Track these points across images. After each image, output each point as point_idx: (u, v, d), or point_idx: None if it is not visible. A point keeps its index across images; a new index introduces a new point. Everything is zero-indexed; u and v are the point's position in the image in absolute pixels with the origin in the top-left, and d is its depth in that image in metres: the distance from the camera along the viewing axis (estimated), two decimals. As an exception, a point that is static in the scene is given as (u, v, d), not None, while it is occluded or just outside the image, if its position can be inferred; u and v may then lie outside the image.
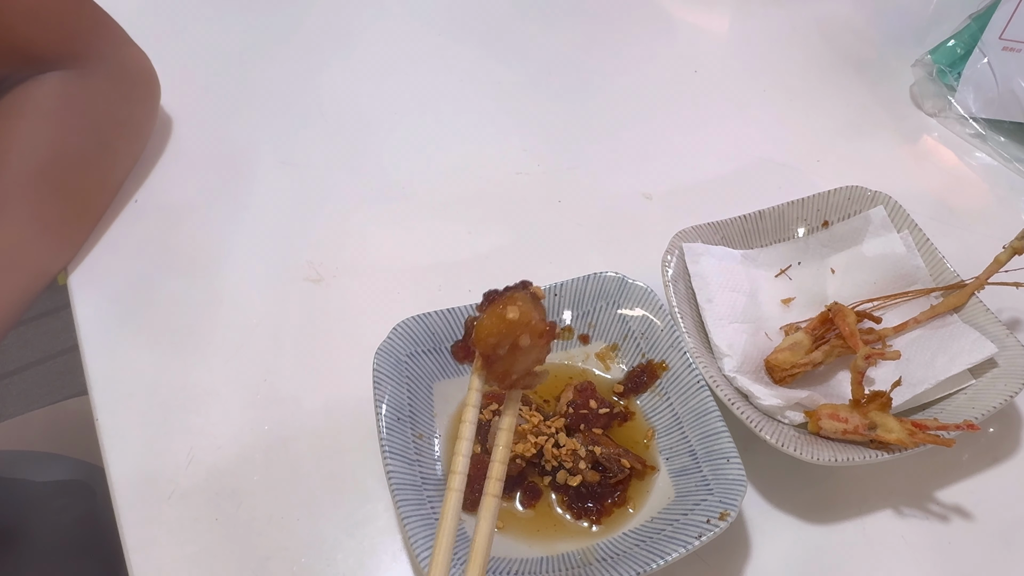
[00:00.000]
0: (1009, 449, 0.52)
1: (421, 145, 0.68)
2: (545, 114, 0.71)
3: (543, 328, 0.36)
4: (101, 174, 0.60)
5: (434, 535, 0.43)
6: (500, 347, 0.36)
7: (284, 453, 0.50)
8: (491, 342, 0.36)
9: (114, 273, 0.58)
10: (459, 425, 0.38)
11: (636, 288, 0.53)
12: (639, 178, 0.66)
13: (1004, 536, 0.49)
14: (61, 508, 0.68)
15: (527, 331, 0.36)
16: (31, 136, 0.55)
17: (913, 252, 0.56)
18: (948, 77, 0.71)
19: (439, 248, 0.61)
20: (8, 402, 1.40)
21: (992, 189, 0.68)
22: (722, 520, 0.43)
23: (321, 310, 0.57)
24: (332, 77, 0.73)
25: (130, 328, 0.56)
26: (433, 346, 0.51)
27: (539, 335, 0.36)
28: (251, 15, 0.77)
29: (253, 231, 0.61)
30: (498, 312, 0.36)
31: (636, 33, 0.79)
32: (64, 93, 0.56)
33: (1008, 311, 0.57)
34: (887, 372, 0.52)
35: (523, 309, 0.36)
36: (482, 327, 0.36)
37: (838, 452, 0.46)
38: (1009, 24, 0.68)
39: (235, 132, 0.68)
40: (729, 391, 0.49)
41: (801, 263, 0.58)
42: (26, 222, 0.54)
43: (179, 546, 0.47)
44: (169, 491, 0.49)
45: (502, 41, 0.77)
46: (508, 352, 0.36)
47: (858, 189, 0.58)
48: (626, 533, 0.46)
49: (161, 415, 0.52)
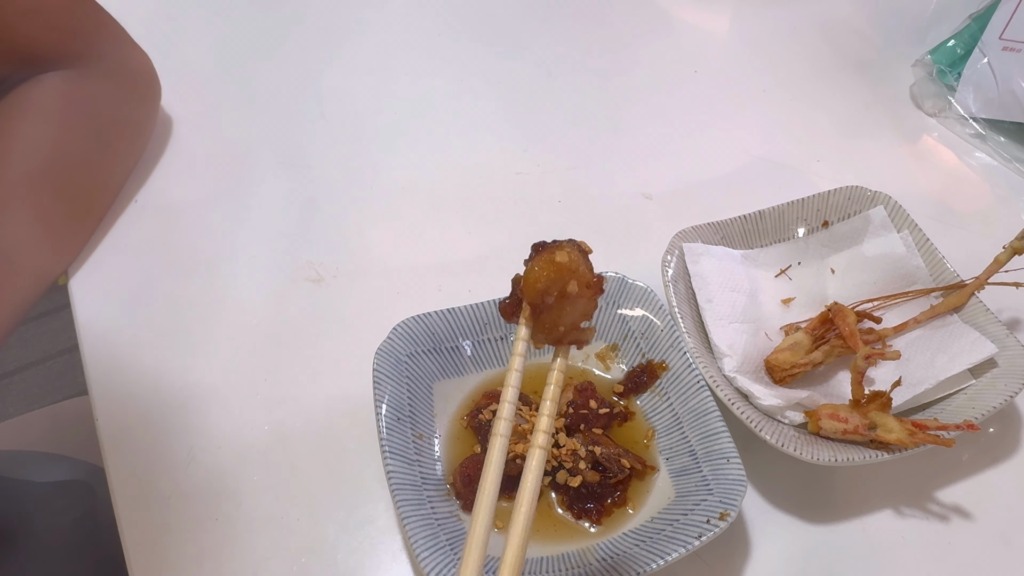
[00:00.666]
0: (1009, 449, 0.52)
1: (421, 145, 0.68)
2: (545, 114, 0.71)
3: (591, 278, 0.36)
4: (102, 175, 0.60)
5: (434, 534, 0.44)
6: (548, 294, 0.36)
7: (284, 453, 0.50)
8: (539, 288, 0.36)
9: (114, 273, 0.58)
10: (505, 374, 0.37)
11: (636, 288, 0.53)
12: (639, 178, 0.66)
13: (1004, 536, 0.49)
14: (61, 509, 0.68)
15: (575, 277, 0.36)
16: (33, 137, 0.55)
17: (913, 252, 0.56)
18: (948, 77, 0.71)
19: (439, 248, 0.61)
20: (8, 402, 1.40)
21: (992, 189, 0.68)
22: (722, 520, 0.43)
23: (321, 310, 0.57)
24: (332, 77, 0.73)
25: (130, 328, 0.56)
26: (433, 346, 0.51)
27: (587, 284, 0.36)
28: (251, 15, 0.77)
29: (253, 231, 0.61)
30: (546, 257, 0.36)
31: (636, 33, 0.79)
32: (65, 93, 0.56)
33: (1008, 311, 0.57)
34: (887, 372, 0.52)
35: (572, 256, 0.36)
36: (531, 273, 0.36)
37: (838, 452, 0.46)
38: (1009, 24, 0.68)
39: (235, 132, 0.68)
40: (729, 391, 0.49)
41: (801, 263, 0.58)
42: (28, 223, 0.54)
43: (179, 546, 0.47)
44: (169, 491, 0.49)
45: (502, 41, 0.77)
46: (556, 301, 0.36)
47: (858, 189, 0.58)
48: (626, 533, 0.46)
49: (161, 415, 0.52)
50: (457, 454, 0.49)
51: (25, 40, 0.54)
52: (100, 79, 0.59)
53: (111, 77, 0.60)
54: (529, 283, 0.36)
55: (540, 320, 0.37)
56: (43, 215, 0.55)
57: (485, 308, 0.52)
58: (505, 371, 0.36)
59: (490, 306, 0.52)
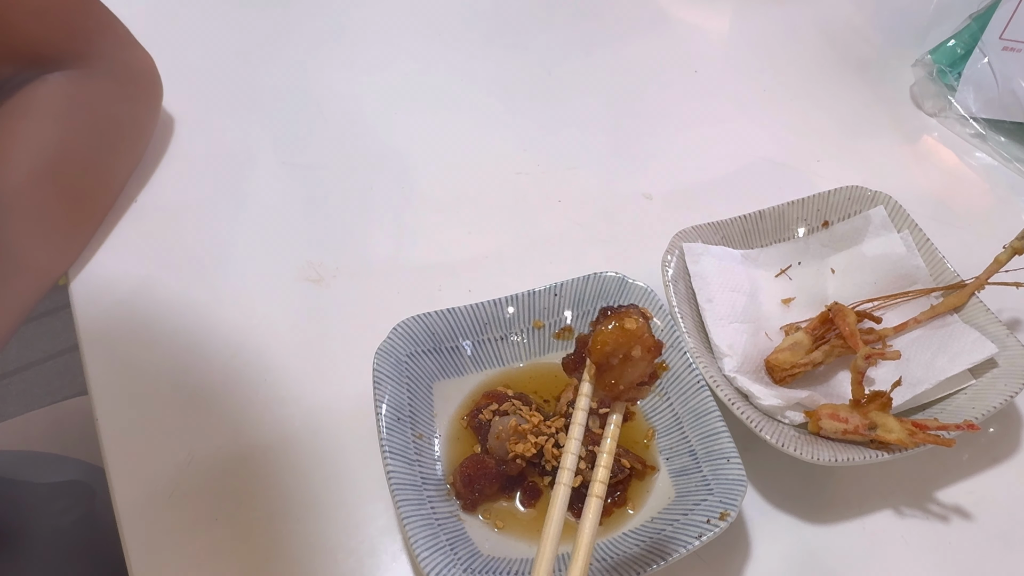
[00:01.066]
0: (1009, 449, 0.52)
1: (421, 145, 0.68)
2: (545, 114, 0.71)
3: (652, 342, 0.39)
4: (105, 175, 0.60)
5: (435, 534, 0.44)
6: (614, 356, 0.39)
7: (284, 453, 0.50)
8: (606, 351, 0.39)
9: (114, 273, 0.58)
10: (570, 426, 0.40)
11: (636, 288, 0.53)
12: (639, 178, 0.66)
13: (1004, 536, 0.49)
14: (62, 509, 0.68)
15: (640, 343, 0.39)
16: (38, 137, 0.55)
17: (913, 252, 0.56)
18: (948, 77, 0.71)
19: (439, 248, 0.61)
20: (8, 402, 1.40)
21: (992, 189, 0.68)
22: (722, 520, 0.43)
23: (321, 310, 0.57)
24: (332, 77, 0.73)
25: (130, 328, 0.56)
26: (433, 346, 0.51)
27: (648, 349, 0.39)
28: (250, 15, 0.77)
29: (253, 231, 0.61)
30: (616, 323, 0.39)
31: (636, 33, 0.79)
32: (70, 94, 0.56)
33: (1008, 311, 0.57)
34: (887, 372, 0.52)
35: (639, 323, 0.39)
36: (600, 335, 0.39)
37: (838, 452, 0.46)
38: (1009, 24, 0.68)
39: (235, 132, 0.68)
40: (729, 391, 0.49)
41: (801, 263, 0.58)
42: (32, 224, 0.54)
43: (179, 546, 0.47)
44: (169, 491, 0.49)
45: (502, 41, 0.77)
46: (619, 363, 0.39)
47: (858, 189, 0.58)
48: (626, 533, 0.46)
49: (161, 415, 0.52)
50: (457, 454, 0.49)
51: (31, 40, 0.54)
52: (104, 79, 0.59)
53: (115, 77, 0.60)
54: (598, 346, 0.39)
55: (602, 377, 0.40)
56: (46, 215, 0.55)
57: (485, 308, 0.52)
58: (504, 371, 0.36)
59: (490, 306, 0.52)
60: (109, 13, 0.59)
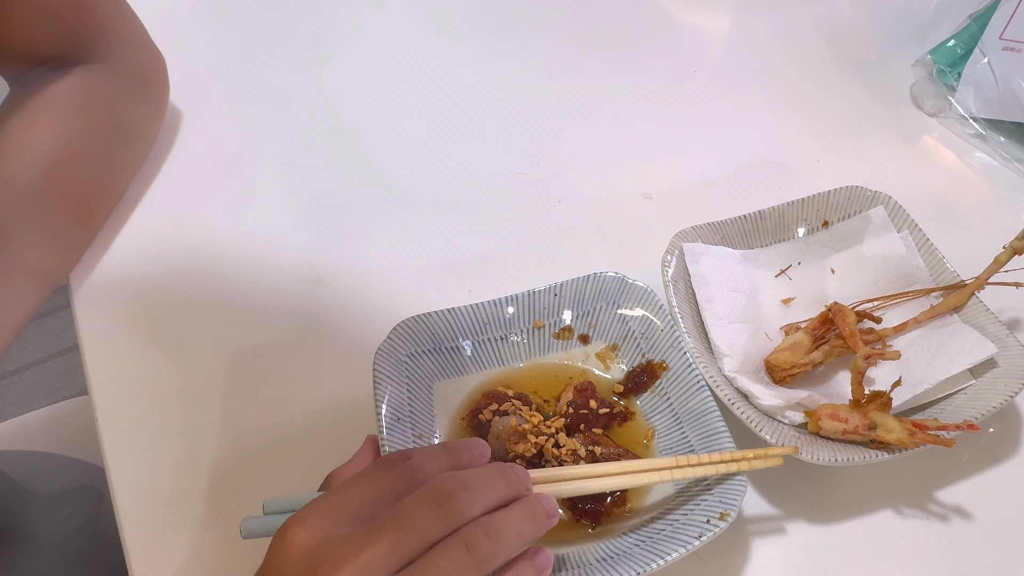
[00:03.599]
0: (1009, 449, 0.52)
1: (421, 145, 0.68)
2: (545, 114, 0.71)
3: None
4: (109, 176, 0.60)
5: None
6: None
7: (284, 453, 0.50)
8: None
9: (114, 273, 0.58)
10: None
11: (636, 288, 0.53)
12: (639, 178, 0.66)
13: (1004, 536, 0.49)
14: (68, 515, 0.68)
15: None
16: (46, 137, 0.55)
17: (913, 252, 0.56)
18: (948, 77, 0.71)
19: (439, 248, 0.61)
20: (8, 402, 1.40)
21: (992, 189, 0.68)
22: (722, 520, 0.43)
23: (321, 310, 0.57)
24: (332, 78, 0.73)
25: (130, 328, 0.56)
26: (433, 346, 0.51)
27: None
28: (251, 16, 0.77)
29: (253, 231, 0.61)
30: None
31: (636, 33, 0.79)
32: (89, 89, 0.56)
33: (1008, 311, 0.57)
34: (887, 372, 0.52)
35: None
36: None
37: (838, 452, 0.46)
38: (1009, 24, 0.68)
39: (235, 132, 0.68)
40: (729, 391, 0.49)
41: (801, 263, 0.58)
42: (36, 225, 0.54)
43: (179, 546, 0.47)
44: (169, 491, 0.49)
45: (502, 41, 0.77)
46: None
47: (858, 189, 0.58)
48: (626, 533, 0.46)
49: (161, 415, 0.52)
50: (457, 454, 0.49)
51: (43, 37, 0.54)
52: (122, 77, 0.59)
53: (133, 76, 0.60)
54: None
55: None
56: (51, 217, 0.55)
57: (485, 308, 0.52)
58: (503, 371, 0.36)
59: (490, 306, 0.52)
60: (131, 11, 0.59)
